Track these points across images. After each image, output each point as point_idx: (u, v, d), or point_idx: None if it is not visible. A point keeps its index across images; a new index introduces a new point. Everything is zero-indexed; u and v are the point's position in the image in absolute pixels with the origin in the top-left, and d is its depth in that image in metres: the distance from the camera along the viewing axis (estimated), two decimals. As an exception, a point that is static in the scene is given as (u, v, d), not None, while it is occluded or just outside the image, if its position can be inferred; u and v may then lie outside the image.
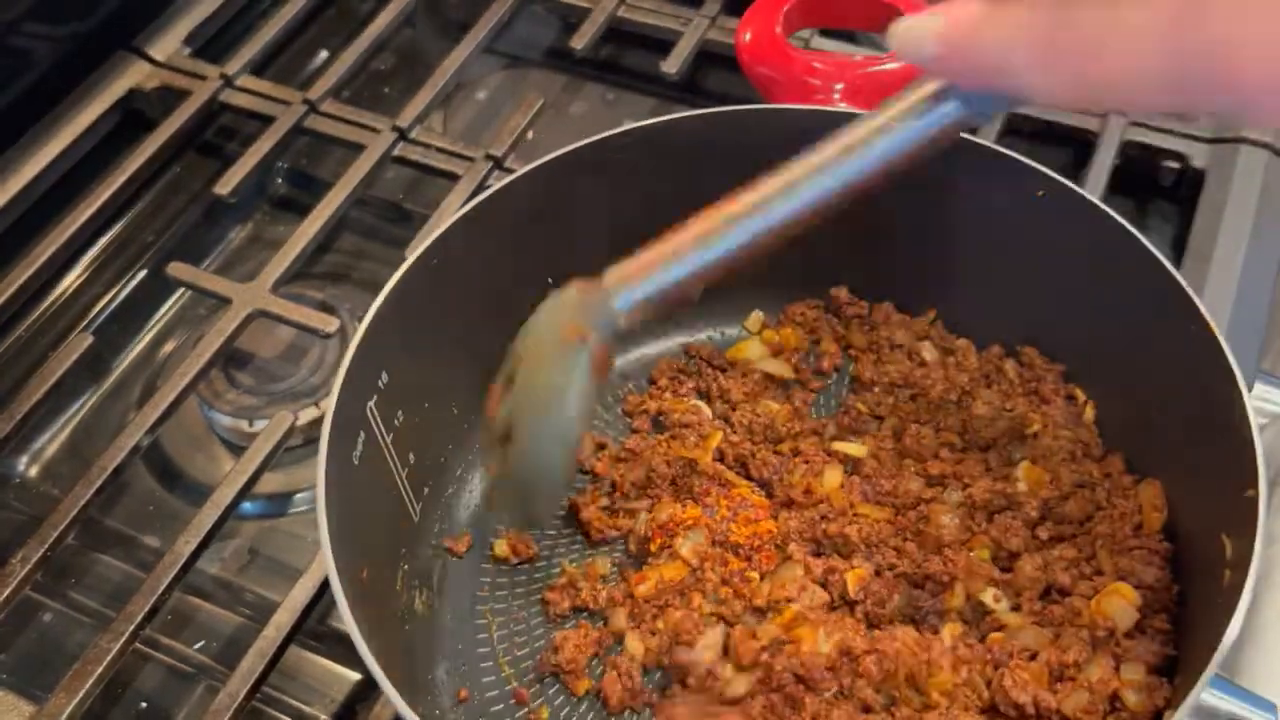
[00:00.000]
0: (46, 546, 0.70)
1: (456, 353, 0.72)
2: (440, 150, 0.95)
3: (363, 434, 0.66)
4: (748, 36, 0.85)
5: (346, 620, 0.56)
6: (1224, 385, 0.61)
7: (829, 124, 0.56)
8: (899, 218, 0.75)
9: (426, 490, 0.74)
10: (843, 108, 0.78)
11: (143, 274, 0.96)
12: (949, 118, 0.54)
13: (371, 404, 0.67)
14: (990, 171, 0.72)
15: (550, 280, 0.66)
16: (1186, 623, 0.64)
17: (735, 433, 0.77)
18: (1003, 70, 0.50)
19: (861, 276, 0.82)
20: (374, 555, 0.66)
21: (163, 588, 0.69)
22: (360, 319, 0.66)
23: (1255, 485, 0.57)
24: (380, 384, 0.67)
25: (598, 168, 0.73)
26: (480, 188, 0.90)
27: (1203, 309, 0.63)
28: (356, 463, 0.65)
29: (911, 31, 0.53)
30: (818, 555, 0.70)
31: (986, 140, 0.74)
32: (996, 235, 0.73)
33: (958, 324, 0.80)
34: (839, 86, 0.81)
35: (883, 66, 0.82)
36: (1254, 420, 0.59)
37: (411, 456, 0.71)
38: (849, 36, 1.02)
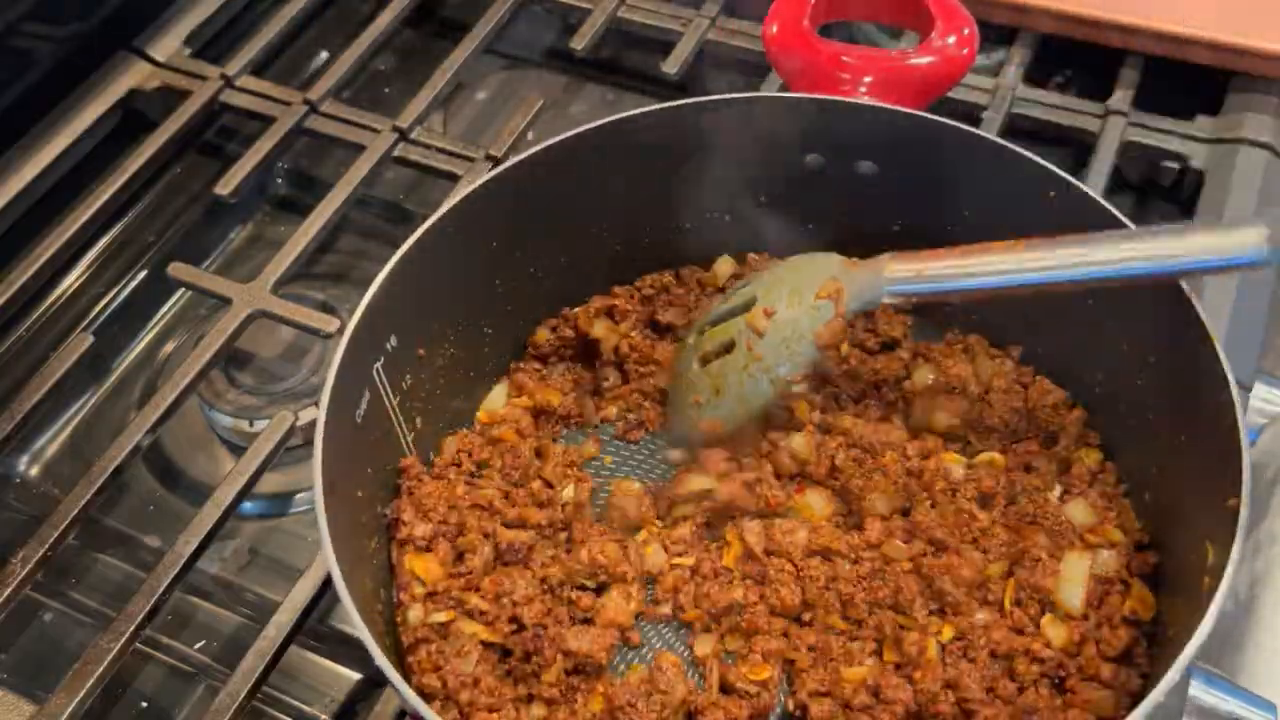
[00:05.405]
0: (47, 546, 0.70)
1: (470, 321, 0.74)
2: (440, 150, 0.95)
3: (367, 393, 0.66)
4: (775, 29, 0.84)
5: (337, 580, 0.56)
6: (1219, 394, 0.60)
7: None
8: (898, 208, 0.75)
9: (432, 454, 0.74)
10: (866, 100, 0.76)
11: (143, 274, 0.96)
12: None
13: (378, 365, 0.67)
14: (1002, 170, 0.71)
15: (563, 259, 0.75)
16: (1162, 628, 0.64)
17: None
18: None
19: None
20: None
21: (163, 588, 0.69)
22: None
23: (1239, 495, 0.56)
24: (388, 346, 0.68)
25: (613, 150, 0.74)
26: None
27: (1203, 316, 0.63)
28: (359, 421, 0.65)
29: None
30: None
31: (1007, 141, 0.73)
32: (1000, 234, 0.73)
33: (953, 321, 0.80)
34: (867, 79, 0.80)
35: (912, 61, 0.81)
36: (1244, 430, 0.58)
37: (419, 420, 0.72)
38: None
